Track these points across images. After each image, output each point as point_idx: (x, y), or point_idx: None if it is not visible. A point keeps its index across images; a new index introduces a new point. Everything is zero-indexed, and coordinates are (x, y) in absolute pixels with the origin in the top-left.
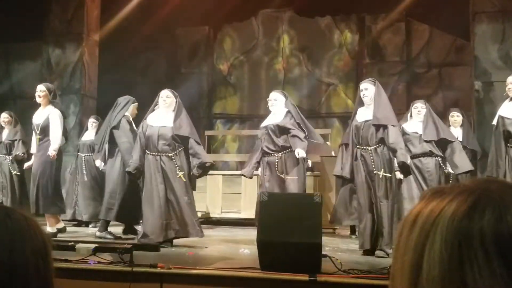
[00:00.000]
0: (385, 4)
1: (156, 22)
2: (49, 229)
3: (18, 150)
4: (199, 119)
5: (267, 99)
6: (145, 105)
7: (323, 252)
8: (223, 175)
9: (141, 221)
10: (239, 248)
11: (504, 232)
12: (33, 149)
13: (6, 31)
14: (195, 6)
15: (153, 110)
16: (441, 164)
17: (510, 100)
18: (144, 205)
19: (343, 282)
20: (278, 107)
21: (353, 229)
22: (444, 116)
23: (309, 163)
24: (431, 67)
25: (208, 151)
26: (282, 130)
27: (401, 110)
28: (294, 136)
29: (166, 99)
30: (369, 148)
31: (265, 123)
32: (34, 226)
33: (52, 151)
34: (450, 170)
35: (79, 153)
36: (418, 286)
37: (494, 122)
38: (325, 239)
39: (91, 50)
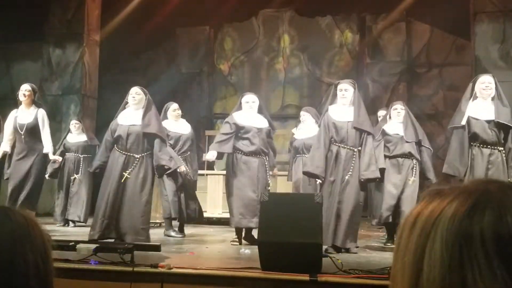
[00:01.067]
0: (386, 4)
1: (157, 22)
2: None
3: None
4: (199, 119)
5: (245, 101)
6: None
7: (323, 252)
8: (224, 175)
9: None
10: (240, 248)
11: (504, 233)
12: (4, 147)
13: (7, 31)
14: (195, 6)
15: (124, 108)
16: (414, 168)
17: (473, 100)
18: (98, 199)
19: (344, 282)
20: (255, 110)
21: None
22: (444, 116)
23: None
24: (432, 67)
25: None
26: (268, 136)
27: None
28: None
29: (136, 96)
30: (355, 150)
31: (253, 123)
32: (34, 226)
33: (52, 156)
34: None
35: (67, 154)
36: (418, 287)
37: (463, 122)
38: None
39: (92, 50)
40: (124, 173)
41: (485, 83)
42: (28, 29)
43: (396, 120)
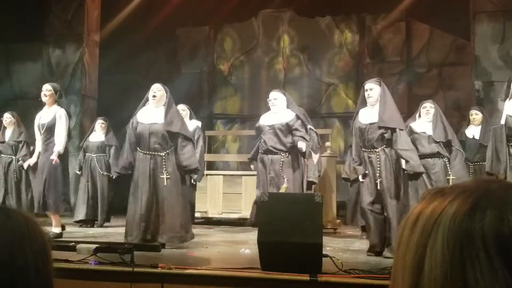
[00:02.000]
0: (386, 4)
1: (157, 22)
2: (55, 229)
3: (23, 152)
4: (199, 119)
5: (267, 99)
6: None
7: (323, 252)
8: (224, 175)
9: None
10: (240, 248)
11: (505, 232)
12: (38, 148)
13: (7, 31)
14: (195, 6)
15: (144, 105)
16: (448, 166)
17: (510, 99)
18: (129, 204)
19: (344, 282)
20: (279, 107)
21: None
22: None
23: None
24: (432, 67)
25: (209, 151)
26: (289, 130)
27: (402, 110)
28: (300, 137)
29: (157, 92)
30: (376, 150)
31: (268, 121)
32: (34, 227)
33: (55, 155)
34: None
35: (87, 153)
36: (419, 287)
37: (503, 121)
38: (325, 239)
39: (92, 51)
40: (161, 176)
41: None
42: (28, 30)
43: (425, 118)
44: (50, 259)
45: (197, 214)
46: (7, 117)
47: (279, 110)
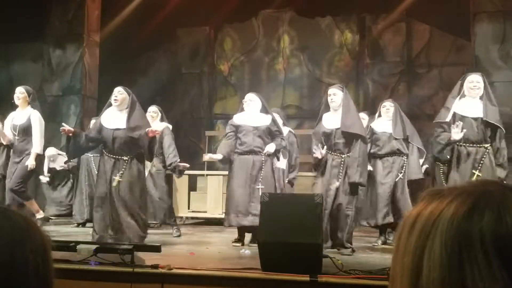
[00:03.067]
0: (386, 4)
1: (157, 22)
2: (38, 215)
3: None
4: (199, 120)
5: (243, 100)
6: (146, 106)
7: (323, 253)
8: (224, 175)
9: None
10: (240, 248)
11: (503, 234)
12: (13, 150)
13: (7, 31)
14: (195, 7)
15: (107, 108)
16: (405, 164)
17: (461, 98)
18: (94, 204)
19: (344, 283)
20: (253, 108)
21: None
22: None
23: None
24: (432, 67)
25: (209, 151)
26: (270, 133)
27: (402, 111)
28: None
29: (118, 96)
30: (343, 156)
31: (250, 122)
32: (33, 226)
33: (33, 159)
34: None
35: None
36: None
37: (448, 118)
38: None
39: (92, 51)
40: (114, 177)
41: (474, 82)
42: (28, 30)
43: (385, 117)
44: (50, 260)
45: (197, 215)
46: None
47: (253, 111)
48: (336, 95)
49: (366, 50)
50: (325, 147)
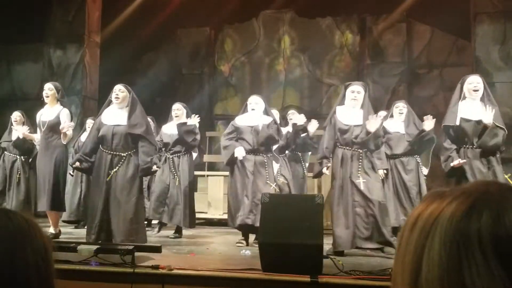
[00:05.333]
0: (386, 5)
1: (157, 23)
2: (52, 229)
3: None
4: (200, 120)
5: (248, 102)
6: (146, 106)
7: (324, 253)
8: (225, 176)
9: None
10: (240, 249)
11: (501, 233)
12: (40, 147)
13: (8, 32)
14: (196, 7)
15: (108, 105)
16: (420, 164)
17: (462, 100)
18: (89, 203)
19: (345, 283)
20: (258, 111)
21: None
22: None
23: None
24: (432, 67)
25: (209, 152)
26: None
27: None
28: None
29: (119, 94)
30: (361, 152)
31: (249, 123)
32: (35, 228)
33: (67, 127)
34: (425, 172)
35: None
36: (418, 287)
37: (458, 122)
38: (326, 240)
39: (92, 52)
40: (110, 171)
41: (473, 84)
42: (29, 31)
43: (398, 118)
44: (51, 260)
45: (198, 215)
46: (16, 115)
47: (258, 114)
48: (360, 93)
49: (367, 50)
50: (329, 164)
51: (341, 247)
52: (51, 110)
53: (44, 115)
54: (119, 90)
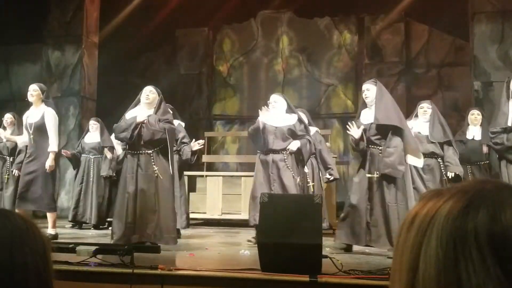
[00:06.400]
0: (384, 5)
1: (156, 23)
2: (51, 230)
3: (18, 159)
4: (198, 121)
5: (268, 101)
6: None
7: (323, 253)
8: (223, 176)
9: None
10: (240, 249)
11: (498, 231)
12: (29, 149)
13: (6, 33)
14: (194, 8)
15: (135, 106)
16: (441, 166)
17: (509, 100)
18: (117, 203)
19: (344, 283)
20: (279, 109)
21: None
22: (444, 116)
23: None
24: (431, 67)
25: (208, 152)
26: (293, 133)
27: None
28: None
29: (150, 95)
30: (380, 148)
31: (272, 122)
32: (33, 228)
33: (51, 160)
34: (448, 174)
35: (83, 155)
36: (415, 286)
37: (510, 123)
38: (325, 240)
39: (91, 52)
40: (155, 172)
41: None
42: (27, 31)
43: (422, 119)
44: (49, 261)
45: (197, 215)
46: (8, 117)
47: (279, 112)
48: (369, 90)
49: (365, 50)
50: (362, 127)
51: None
52: (37, 111)
53: (30, 117)
54: (150, 92)
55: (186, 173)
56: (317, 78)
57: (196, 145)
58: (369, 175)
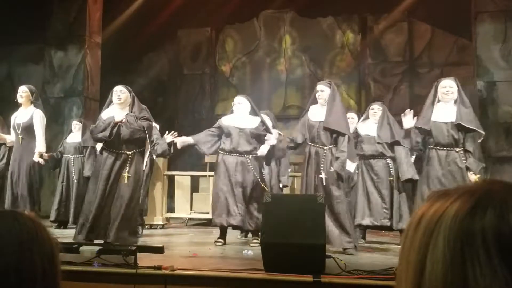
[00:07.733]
0: (387, 4)
1: (158, 23)
2: None
3: (4, 160)
4: (201, 120)
5: (232, 102)
6: (147, 107)
7: (326, 253)
8: None
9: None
10: (243, 249)
11: (505, 232)
12: (14, 149)
13: (9, 33)
14: (197, 8)
15: (108, 107)
16: (390, 166)
17: (436, 103)
18: (85, 202)
19: (347, 283)
20: (242, 111)
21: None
22: None
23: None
24: (433, 67)
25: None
26: (256, 135)
27: (404, 111)
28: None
29: (121, 95)
30: (325, 148)
31: (236, 124)
32: (41, 230)
33: (37, 156)
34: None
35: (64, 155)
36: (421, 286)
37: (429, 127)
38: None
39: (94, 52)
40: (123, 174)
41: (446, 87)
42: (30, 32)
43: (372, 120)
44: (57, 262)
45: (200, 215)
46: None
47: (242, 114)
48: (323, 91)
49: (368, 50)
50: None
51: None
52: (25, 112)
53: (19, 117)
54: (121, 91)
55: (189, 173)
56: (320, 78)
57: (169, 137)
58: (320, 176)
